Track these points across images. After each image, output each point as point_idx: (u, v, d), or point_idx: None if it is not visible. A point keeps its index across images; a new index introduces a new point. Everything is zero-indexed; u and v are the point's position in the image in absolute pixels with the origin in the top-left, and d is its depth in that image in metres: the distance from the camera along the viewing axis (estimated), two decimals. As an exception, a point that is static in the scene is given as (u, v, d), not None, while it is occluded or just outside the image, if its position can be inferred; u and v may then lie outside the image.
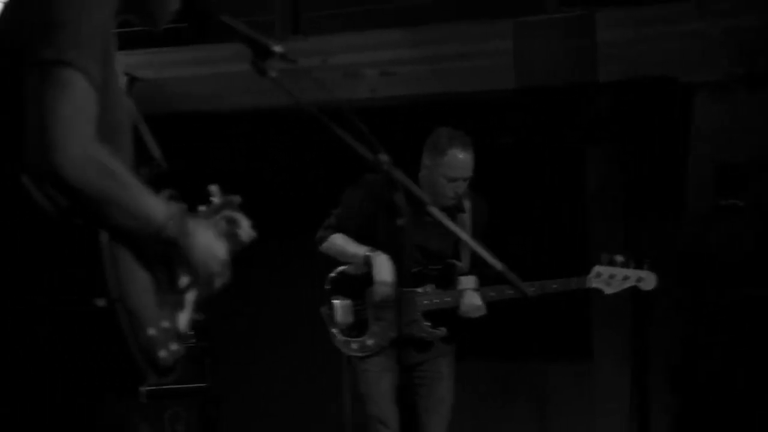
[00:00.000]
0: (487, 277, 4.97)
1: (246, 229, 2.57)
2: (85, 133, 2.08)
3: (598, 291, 5.07)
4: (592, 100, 6.44)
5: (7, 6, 2.29)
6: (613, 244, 6.15)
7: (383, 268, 4.94)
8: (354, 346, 5.04)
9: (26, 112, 2.08)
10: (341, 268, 5.15)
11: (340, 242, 5.10)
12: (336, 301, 5.10)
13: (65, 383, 2.15)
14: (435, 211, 2.44)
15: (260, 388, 7.13)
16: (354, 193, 5.14)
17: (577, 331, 6.86)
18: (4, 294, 2.18)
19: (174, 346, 2.28)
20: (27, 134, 2.07)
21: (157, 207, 2.20)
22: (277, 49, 2.42)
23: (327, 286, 5.13)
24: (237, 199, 2.60)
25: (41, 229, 2.16)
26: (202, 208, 2.51)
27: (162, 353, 2.22)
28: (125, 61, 2.42)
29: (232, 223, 2.55)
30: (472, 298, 4.99)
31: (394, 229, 4.98)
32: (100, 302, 2.10)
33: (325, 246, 5.13)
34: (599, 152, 6.89)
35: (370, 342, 5.02)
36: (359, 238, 5.07)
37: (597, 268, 5.01)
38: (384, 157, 2.42)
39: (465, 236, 2.57)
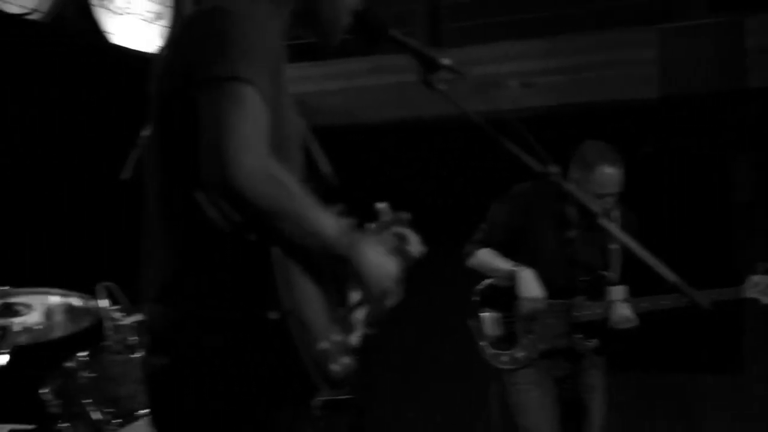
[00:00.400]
0: (644, 288, 4.89)
1: (416, 245, 2.56)
2: (259, 147, 2.10)
3: (752, 301, 4.94)
4: (739, 108, 6.29)
5: (177, 29, 2.33)
6: (760, 253, 6.00)
7: (528, 283, 4.90)
8: (504, 358, 5.00)
9: (201, 128, 2.11)
10: (489, 280, 5.13)
11: (486, 257, 5.08)
12: (485, 314, 5.08)
13: (240, 395, 2.17)
14: (606, 223, 2.40)
15: (406, 399, 7.13)
16: (501, 207, 5.12)
17: (727, 342, 6.69)
18: (180, 307, 2.22)
19: (345, 360, 2.29)
20: (202, 149, 2.10)
21: (329, 222, 2.21)
22: (445, 62, 2.42)
23: (475, 299, 5.12)
24: (406, 215, 2.59)
25: (215, 244, 2.19)
26: (371, 225, 2.51)
27: (334, 366, 2.24)
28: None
29: (401, 239, 2.55)
30: (622, 310, 4.91)
31: (549, 241, 5.00)
32: (273, 315, 2.11)
33: (472, 261, 5.12)
34: (746, 160, 6.73)
35: (519, 355, 4.97)
36: (507, 251, 5.04)
37: (753, 278, 4.87)
38: (554, 168, 2.39)
39: (637, 248, 2.51)
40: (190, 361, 2.20)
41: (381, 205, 2.57)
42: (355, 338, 2.39)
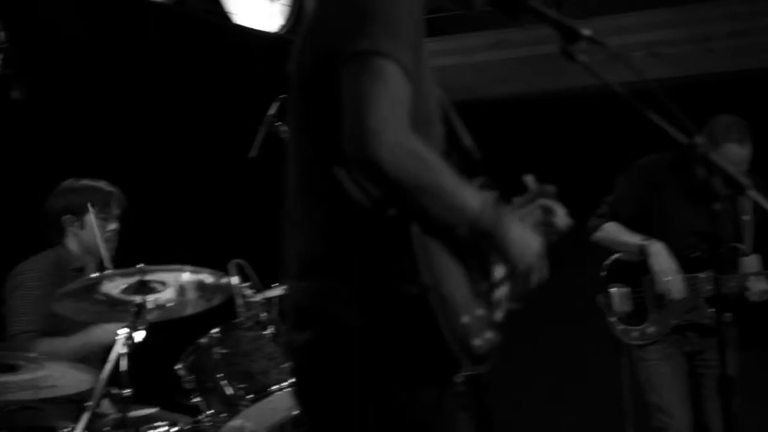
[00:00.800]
0: None
1: (562, 218, 2.52)
2: (400, 122, 2.09)
3: None
4: None
5: (319, 6, 2.33)
6: None
7: (660, 257, 4.83)
8: (634, 334, 4.95)
9: (342, 104, 2.11)
10: (616, 255, 5.06)
11: (613, 231, 5.02)
12: (613, 289, 5.02)
13: (382, 371, 2.16)
14: (755, 195, 2.33)
15: (533, 377, 7.06)
16: (627, 180, 5.06)
17: None
18: (322, 283, 2.22)
19: (488, 335, 2.25)
20: (344, 125, 2.09)
21: (473, 197, 2.18)
22: (586, 32, 2.37)
23: (603, 274, 5.05)
24: (552, 188, 2.55)
25: (356, 220, 2.19)
26: (517, 198, 2.48)
27: (476, 341, 2.20)
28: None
29: (547, 212, 2.51)
30: (757, 282, 4.81)
31: (682, 213, 4.90)
32: (414, 290, 2.10)
33: (598, 235, 5.06)
34: None
35: (650, 330, 4.90)
36: (633, 225, 4.97)
37: None
38: (700, 139, 2.33)
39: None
40: (332, 337, 2.20)
41: (527, 177, 2.53)
42: (498, 313, 2.36)
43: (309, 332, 2.24)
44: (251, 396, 3.99)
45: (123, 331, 3.91)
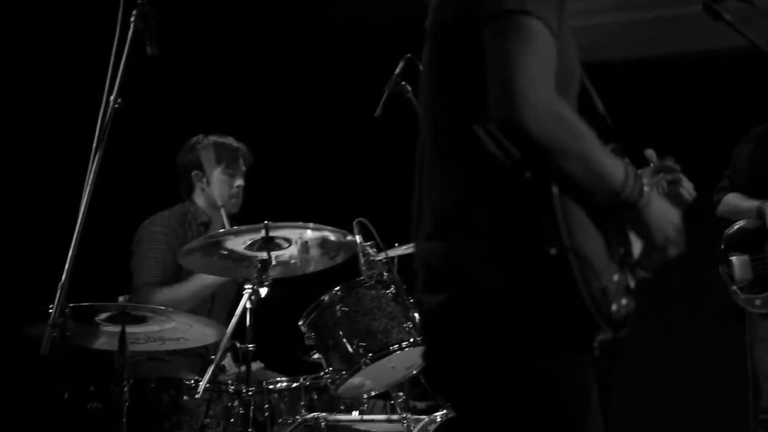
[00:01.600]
0: None
1: (688, 189, 2.47)
2: (547, 85, 2.06)
3: None
4: None
5: None
6: None
7: None
8: (757, 302, 4.90)
9: (488, 63, 2.08)
10: (736, 224, 5.01)
11: (732, 201, 5.01)
12: (733, 257, 4.95)
13: (518, 334, 2.13)
14: None
15: (654, 346, 6.96)
16: (742, 149, 5.02)
17: None
18: (457, 243, 2.20)
19: (625, 301, 2.21)
20: (490, 85, 2.07)
21: (616, 167, 2.16)
22: (737, -9, 2.31)
23: (723, 246, 5.00)
24: (673, 163, 2.51)
25: (494, 179, 2.17)
26: (639, 171, 2.44)
27: (614, 306, 2.16)
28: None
29: (673, 183, 2.47)
30: None
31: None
32: (553, 251, 2.07)
33: (720, 208, 5.06)
34: None
35: (774, 297, 4.83)
36: (753, 193, 4.91)
37: None
38: None
39: None
40: (467, 299, 2.17)
41: (648, 152, 2.49)
42: (633, 280, 2.32)
43: (443, 294, 2.22)
44: (371, 354, 4.00)
45: (248, 286, 3.97)
